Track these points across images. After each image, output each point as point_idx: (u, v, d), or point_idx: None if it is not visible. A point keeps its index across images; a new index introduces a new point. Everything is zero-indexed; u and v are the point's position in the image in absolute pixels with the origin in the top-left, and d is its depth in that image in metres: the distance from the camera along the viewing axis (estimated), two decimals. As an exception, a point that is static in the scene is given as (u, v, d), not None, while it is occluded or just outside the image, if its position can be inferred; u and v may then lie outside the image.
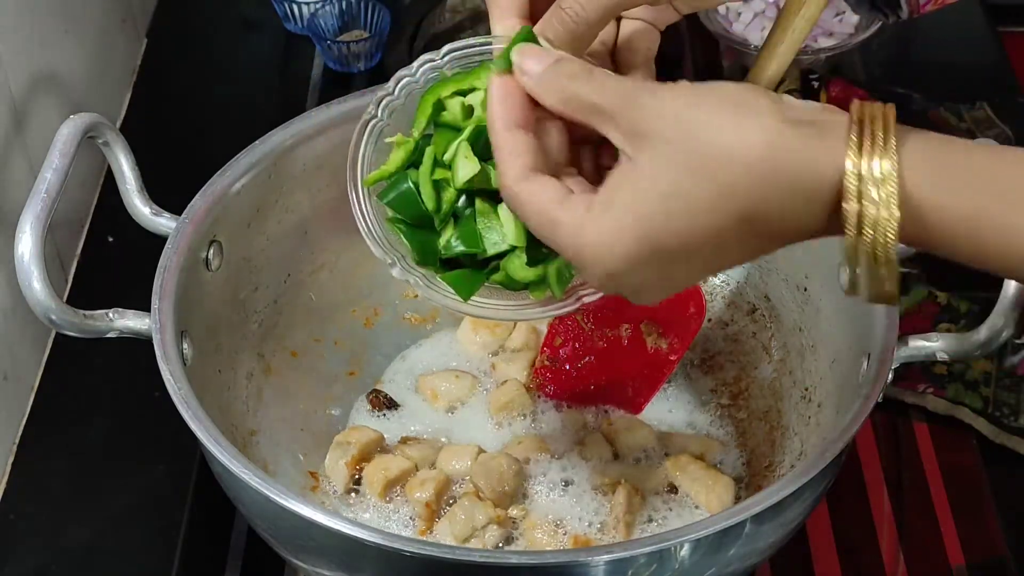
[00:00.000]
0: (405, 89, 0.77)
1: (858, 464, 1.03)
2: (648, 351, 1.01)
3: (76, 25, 1.22)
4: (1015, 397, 1.05)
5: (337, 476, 0.97)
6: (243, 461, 0.79)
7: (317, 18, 1.37)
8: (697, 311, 0.99)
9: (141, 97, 1.36)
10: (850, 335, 0.91)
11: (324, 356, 1.04)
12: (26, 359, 1.08)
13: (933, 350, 0.85)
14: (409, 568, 0.77)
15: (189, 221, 0.91)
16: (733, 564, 0.81)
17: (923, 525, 1.00)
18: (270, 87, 1.39)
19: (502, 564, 0.75)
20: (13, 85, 1.07)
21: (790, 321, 1.01)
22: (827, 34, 1.34)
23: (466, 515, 0.91)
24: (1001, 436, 1.04)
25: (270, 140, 0.98)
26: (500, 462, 0.93)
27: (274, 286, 1.01)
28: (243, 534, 0.99)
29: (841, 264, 0.93)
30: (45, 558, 0.98)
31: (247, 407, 0.97)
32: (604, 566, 0.76)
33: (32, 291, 0.82)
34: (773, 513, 0.78)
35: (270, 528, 0.85)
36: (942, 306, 1.09)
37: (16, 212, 0.84)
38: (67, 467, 1.04)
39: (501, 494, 0.92)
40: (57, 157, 0.86)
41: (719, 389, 1.04)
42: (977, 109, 1.27)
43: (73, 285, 1.17)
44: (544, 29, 0.73)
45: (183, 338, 0.88)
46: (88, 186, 1.24)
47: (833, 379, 0.93)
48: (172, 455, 1.03)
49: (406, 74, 0.77)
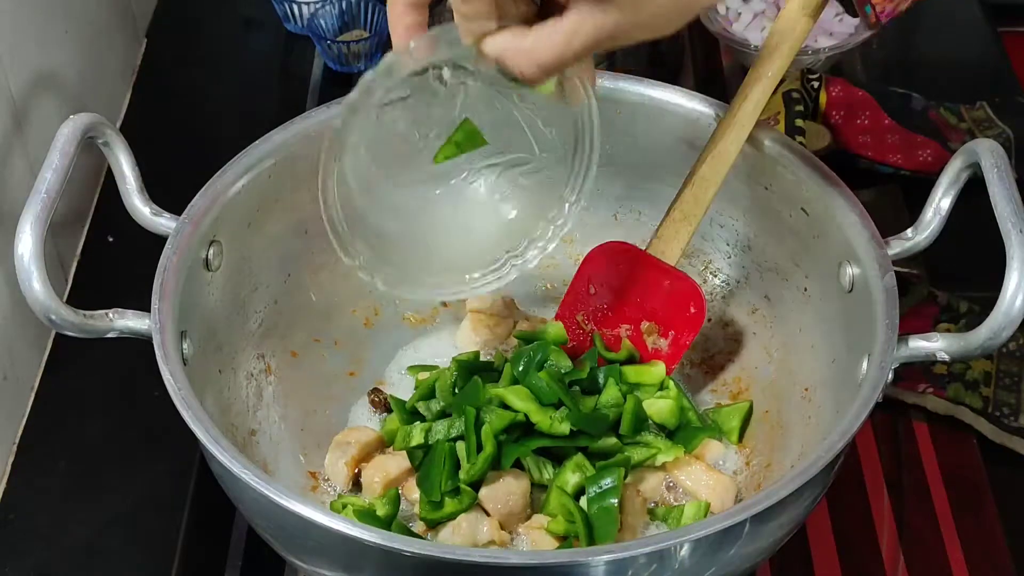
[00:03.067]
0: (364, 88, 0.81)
1: (858, 464, 1.03)
2: (648, 351, 1.01)
3: (76, 25, 1.22)
4: (1015, 397, 1.05)
5: (337, 476, 0.97)
6: (243, 461, 0.79)
7: (317, 18, 1.37)
8: (697, 311, 0.99)
9: (141, 97, 1.36)
10: (850, 335, 0.91)
11: (324, 356, 1.04)
12: (26, 359, 1.08)
13: (933, 350, 0.85)
14: (409, 568, 0.77)
15: (189, 221, 0.91)
16: (733, 564, 0.81)
17: (923, 525, 1.00)
18: (270, 87, 1.39)
19: (502, 564, 0.75)
20: (13, 85, 1.07)
21: (790, 321, 1.01)
22: (827, 34, 1.34)
23: (469, 527, 0.91)
24: (1001, 436, 1.04)
25: (270, 140, 0.98)
26: (508, 481, 0.93)
27: (274, 286, 1.01)
28: (243, 534, 0.99)
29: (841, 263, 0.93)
30: (45, 558, 0.98)
31: (247, 407, 0.97)
32: (604, 566, 0.76)
33: (32, 291, 0.82)
34: (773, 513, 0.78)
35: (270, 528, 0.85)
36: (942, 306, 1.09)
37: (16, 212, 0.84)
38: (67, 467, 1.04)
39: (508, 514, 0.92)
40: (57, 157, 0.86)
41: (719, 389, 1.04)
42: (977, 109, 1.27)
43: (73, 285, 1.17)
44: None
45: (183, 338, 0.88)
46: (88, 186, 1.24)
47: (833, 379, 0.93)
48: (172, 455, 1.03)
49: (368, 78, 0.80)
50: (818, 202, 0.95)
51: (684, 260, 1.00)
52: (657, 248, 0.98)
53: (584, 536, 0.89)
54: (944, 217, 0.92)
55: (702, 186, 0.95)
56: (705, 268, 1.07)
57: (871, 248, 0.90)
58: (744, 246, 1.05)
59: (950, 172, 0.91)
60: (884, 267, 0.89)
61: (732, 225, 1.05)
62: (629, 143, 1.04)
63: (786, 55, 0.93)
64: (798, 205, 0.97)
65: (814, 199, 0.96)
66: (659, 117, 1.02)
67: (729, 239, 1.05)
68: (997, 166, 0.86)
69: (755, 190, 1.01)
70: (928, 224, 0.92)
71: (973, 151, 0.88)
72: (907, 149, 1.24)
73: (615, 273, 1.01)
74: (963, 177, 0.90)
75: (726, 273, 1.06)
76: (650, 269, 0.99)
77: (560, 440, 0.93)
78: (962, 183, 0.91)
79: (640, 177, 1.06)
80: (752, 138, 0.95)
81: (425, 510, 0.92)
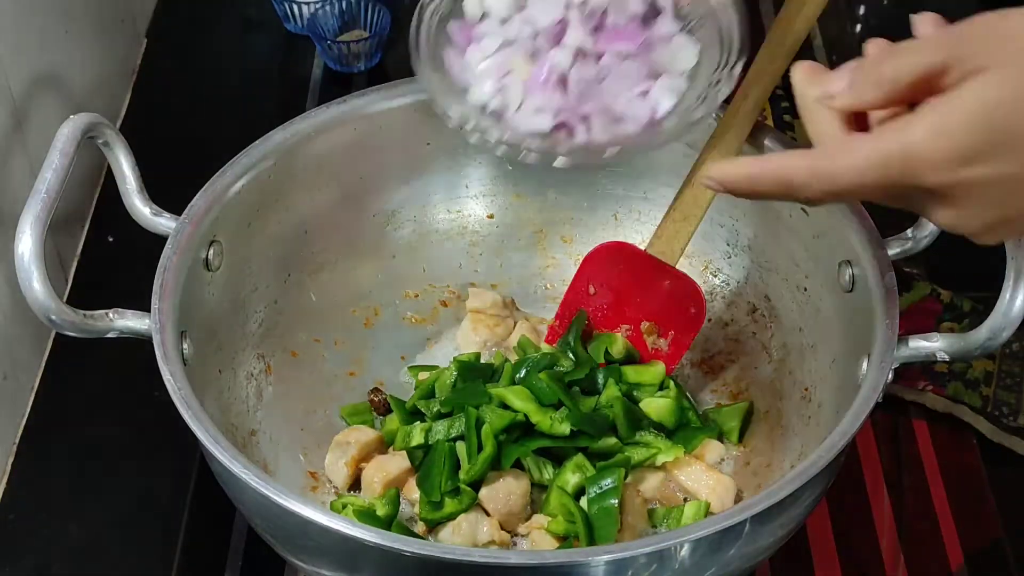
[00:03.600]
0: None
1: (858, 464, 1.03)
2: (648, 351, 1.01)
3: (76, 25, 1.22)
4: (1015, 397, 1.05)
5: (337, 476, 0.97)
6: (243, 461, 0.79)
7: (317, 18, 1.37)
8: (697, 311, 0.99)
9: (141, 97, 1.35)
10: (850, 335, 0.91)
11: (324, 356, 1.04)
12: (26, 359, 1.08)
13: (933, 350, 0.85)
14: (409, 568, 0.77)
15: (189, 221, 0.91)
16: (733, 564, 0.81)
17: (923, 525, 1.00)
18: (270, 87, 1.39)
19: (502, 564, 0.75)
20: (13, 85, 1.07)
21: (790, 321, 1.01)
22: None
23: (469, 527, 0.91)
24: (1000, 435, 1.04)
25: (270, 140, 0.98)
26: (508, 480, 0.93)
27: (274, 286, 1.01)
28: (243, 534, 0.99)
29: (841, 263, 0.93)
30: (45, 558, 0.98)
31: (247, 407, 0.97)
32: (604, 566, 0.75)
33: (32, 291, 0.82)
34: (773, 513, 0.78)
35: (270, 528, 0.85)
36: (945, 304, 1.09)
37: (16, 212, 0.84)
38: (67, 467, 1.04)
39: (508, 514, 0.92)
40: (57, 157, 0.86)
41: (719, 389, 1.04)
42: None
43: (73, 285, 1.17)
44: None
45: (183, 338, 0.88)
46: (88, 186, 1.24)
47: (833, 379, 0.93)
48: (172, 455, 1.03)
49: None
50: (818, 202, 0.95)
51: (684, 260, 1.00)
52: (657, 248, 0.98)
53: (584, 536, 0.89)
54: (944, 217, 0.92)
55: (702, 187, 0.95)
56: (705, 268, 1.07)
57: (871, 248, 0.90)
58: (744, 246, 1.05)
59: (950, 172, 0.91)
60: (884, 267, 0.89)
61: (732, 225, 1.05)
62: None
63: (786, 55, 0.93)
64: (798, 205, 0.97)
65: (814, 199, 0.96)
66: (659, 117, 1.02)
67: (729, 239, 1.05)
68: (997, 166, 0.86)
69: (755, 190, 1.01)
70: (928, 224, 0.92)
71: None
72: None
73: (615, 273, 1.01)
74: (963, 177, 0.90)
75: (726, 273, 1.06)
76: (650, 269, 0.99)
77: (560, 440, 0.93)
78: (962, 183, 0.91)
79: (640, 177, 1.06)
80: (752, 138, 0.95)
81: (425, 510, 0.92)
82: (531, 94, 0.83)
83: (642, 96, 0.84)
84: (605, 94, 0.82)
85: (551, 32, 0.84)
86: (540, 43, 0.84)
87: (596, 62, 0.83)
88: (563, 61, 0.83)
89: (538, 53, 0.84)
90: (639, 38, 0.83)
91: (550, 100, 0.83)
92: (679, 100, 0.84)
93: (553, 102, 0.83)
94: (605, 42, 0.83)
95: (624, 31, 0.83)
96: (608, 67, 0.83)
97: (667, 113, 0.84)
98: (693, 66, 0.85)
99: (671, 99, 0.84)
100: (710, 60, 0.85)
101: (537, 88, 0.83)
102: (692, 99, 0.85)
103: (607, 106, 0.83)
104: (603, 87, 0.82)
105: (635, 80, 0.83)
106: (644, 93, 0.84)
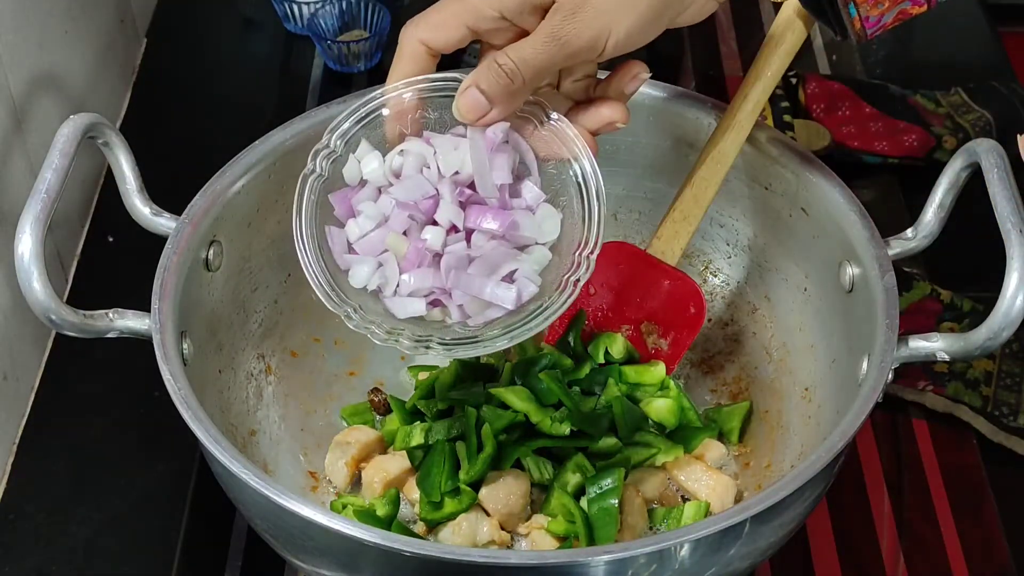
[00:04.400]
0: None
1: (858, 464, 1.03)
2: (648, 351, 1.01)
3: (76, 25, 1.22)
4: (1016, 397, 1.05)
5: (337, 476, 0.97)
6: (243, 461, 0.79)
7: (317, 18, 1.37)
8: (697, 311, 0.99)
9: (141, 97, 1.35)
10: (850, 335, 0.91)
11: (324, 356, 1.04)
12: (26, 359, 1.08)
13: (933, 350, 0.85)
14: (409, 568, 0.77)
15: (189, 221, 0.91)
16: (733, 564, 0.81)
17: (923, 524, 1.00)
18: (270, 87, 1.39)
19: (502, 564, 0.75)
20: (13, 85, 1.07)
21: (790, 321, 1.01)
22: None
23: (469, 527, 0.91)
24: (999, 435, 1.04)
25: (270, 140, 0.98)
26: (508, 481, 0.93)
27: (274, 286, 1.01)
28: (243, 534, 0.99)
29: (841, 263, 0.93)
30: (45, 558, 0.98)
31: (247, 407, 0.97)
32: (604, 566, 0.76)
33: (32, 291, 0.82)
34: (773, 513, 0.78)
35: (270, 528, 0.85)
36: (945, 304, 1.09)
37: (16, 212, 0.84)
38: (67, 467, 1.04)
39: (508, 514, 0.92)
40: (57, 157, 0.86)
41: (719, 389, 1.04)
42: (952, 94, 1.28)
43: (73, 285, 1.17)
44: (478, 79, 0.81)
45: (183, 338, 0.88)
46: (88, 186, 1.24)
47: (833, 379, 0.93)
48: (172, 455, 1.03)
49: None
50: (818, 202, 0.95)
51: (684, 260, 1.00)
52: (657, 248, 0.98)
53: (584, 536, 0.89)
54: (944, 217, 0.92)
55: (702, 186, 0.95)
56: (705, 268, 1.07)
57: (871, 248, 0.90)
58: (744, 246, 1.05)
59: (950, 172, 0.91)
60: (884, 267, 0.89)
61: (732, 225, 1.05)
62: (630, 143, 1.04)
63: (785, 56, 0.93)
64: (798, 205, 0.97)
65: (814, 199, 0.96)
66: (659, 118, 1.02)
67: (729, 239, 1.05)
68: (997, 166, 0.86)
69: (755, 190, 1.01)
70: (928, 224, 0.92)
71: (973, 151, 0.88)
72: (892, 136, 1.24)
73: (615, 273, 1.01)
74: (963, 177, 0.90)
75: (726, 273, 1.06)
76: (650, 269, 0.99)
77: (560, 440, 0.93)
78: (962, 183, 0.91)
79: (640, 177, 1.06)
80: (752, 138, 0.95)
81: (425, 510, 0.92)
82: (407, 273, 0.84)
83: (508, 281, 0.84)
84: (474, 282, 0.83)
85: (424, 206, 0.84)
86: (415, 216, 0.84)
87: (467, 239, 0.84)
88: (436, 242, 0.84)
89: (412, 230, 0.84)
90: (507, 217, 0.84)
91: (423, 279, 0.84)
92: (543, 273, 0.85)
93: (427, 281, 0.84)
94: (473, 219, 0.84)
95: (491, 208, 0.84)
96: (478, 247, 0.84)
97: (532, 296, 0.84)
98: (555, 237, 0.86)
99: (534, 285, 0.84)
100: (571, 228, 0.86)
101: (412, 268, 0.84)
102: (556, 274, 0.85)
103: (476, 293, 0.83)
104: (472, 275, 0.83)
105: (501, 261, 0.84)
106: (511, 275, 0.84)
